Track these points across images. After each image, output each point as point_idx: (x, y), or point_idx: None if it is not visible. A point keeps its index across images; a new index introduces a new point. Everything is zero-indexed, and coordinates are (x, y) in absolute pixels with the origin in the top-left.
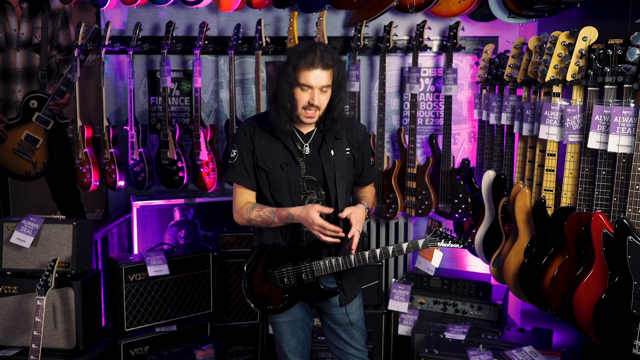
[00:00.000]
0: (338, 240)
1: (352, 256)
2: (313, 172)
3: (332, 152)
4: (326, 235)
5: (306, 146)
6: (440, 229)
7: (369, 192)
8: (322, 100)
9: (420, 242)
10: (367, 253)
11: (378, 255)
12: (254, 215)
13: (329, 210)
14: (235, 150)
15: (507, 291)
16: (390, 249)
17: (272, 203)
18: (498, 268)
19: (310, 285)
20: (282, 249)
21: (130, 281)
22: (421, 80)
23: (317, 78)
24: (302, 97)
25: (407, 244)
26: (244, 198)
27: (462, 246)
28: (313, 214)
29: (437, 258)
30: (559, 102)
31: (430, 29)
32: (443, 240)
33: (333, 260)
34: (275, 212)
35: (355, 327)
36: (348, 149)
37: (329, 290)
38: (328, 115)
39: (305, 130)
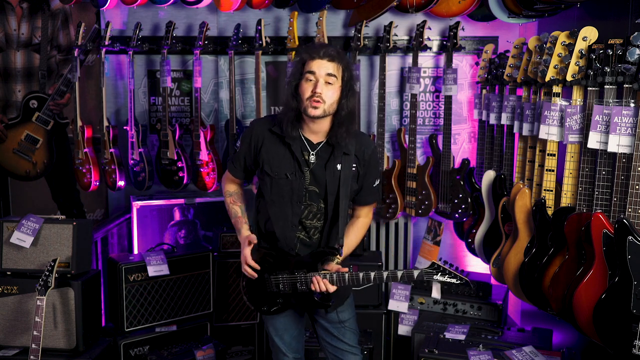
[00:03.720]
0: (255, 275)
1: (346, 275)
2: (316, 185)
3: (338, 166)
4: (245, 268)
5: (312, 155)
6: (438, 263)
7: (353, 235)
8: (327, 93)
9: (415, 273)
10: (361, 274)
11: (372, 278)
12: (227, 200)
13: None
14: (239, 143)
15: (507, 291)
16: (385, 274)
17: (271, 207)
18: (498, 268)
19: (304, 295)
20: (278, 256)
21: (130, 281)
22: (421, 80)
23: (322, 66)
24: (306, 87)
25: (401, 272)
26: (229, 177)
27: (460, 282)
28: (246, 249)
29: (436, 291)
30: (559, 102)
31: (430, 29)
32: (440, 274)
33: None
34: (237, 218)
35: (346, 326)
36: (354, 165)
37: (321, 303)
38: (336, 117)
39: (315, 140)
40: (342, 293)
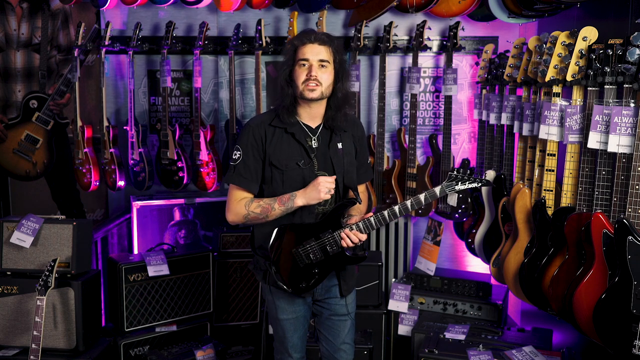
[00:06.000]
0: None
1: (371, 218)
2: (323, 167)
3: (339, 145)
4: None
5: (314, 140)
6: (455, 173)
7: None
8: (322, 76)
9: (437, 190)
10: (386, 212)
11: (397, 211)
12: (253, 206)
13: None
14: (238, 152)
15: (507, 291)
16: (409, 203)
17: None
18: (498, 268)
19: (337, 256)
20: (301, 226)
21: (130, 281)
22: (421, 80)
23: (314, 51)
24: (301, 73)
25: (424, 194)
26: (240, 196)
27: (480, 184)
28: (321, 179)
29: (452, 199)
30: (559, 102)
31: (430, 29)
32: (460, 183)
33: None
34: (276, 198)
35: (350, 318)
36: (352, 141)
37: (357, 257)
38: (333, 100)
39: (313, 124)
40: (350, 274)
